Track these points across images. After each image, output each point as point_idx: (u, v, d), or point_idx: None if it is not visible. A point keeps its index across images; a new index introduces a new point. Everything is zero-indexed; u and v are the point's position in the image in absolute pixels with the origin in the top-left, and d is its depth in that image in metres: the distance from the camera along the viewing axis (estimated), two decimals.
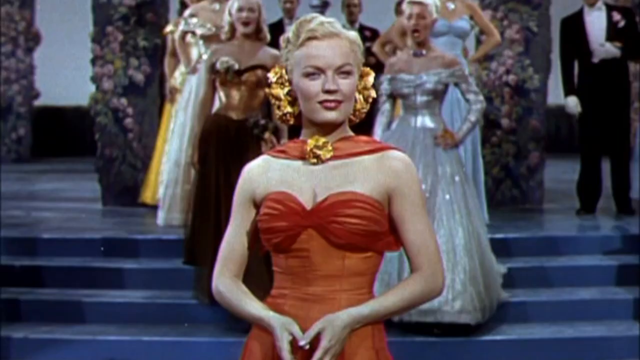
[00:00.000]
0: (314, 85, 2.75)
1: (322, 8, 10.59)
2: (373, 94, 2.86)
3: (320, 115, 2.77)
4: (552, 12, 10.95)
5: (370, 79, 2.84)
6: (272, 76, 2.84)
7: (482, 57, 8.32)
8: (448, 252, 6.03)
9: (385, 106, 6.37)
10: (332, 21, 2.80)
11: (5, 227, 7.81)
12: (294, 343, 2.69)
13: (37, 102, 13.02)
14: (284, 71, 2.82)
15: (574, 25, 8.42)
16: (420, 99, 6.31)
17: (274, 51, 6.21)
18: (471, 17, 7.85)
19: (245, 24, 6.25)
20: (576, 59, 8.43)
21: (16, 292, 7.02)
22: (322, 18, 2.80)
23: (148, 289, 7.04)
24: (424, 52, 6.35)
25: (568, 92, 8.42)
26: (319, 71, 2.75)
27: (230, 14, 6.31)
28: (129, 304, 6.86)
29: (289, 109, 2.83)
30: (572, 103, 8.38)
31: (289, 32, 2.82)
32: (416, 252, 2.78)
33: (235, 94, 6.26)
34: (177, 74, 8.73)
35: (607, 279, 7.15)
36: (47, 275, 7.19)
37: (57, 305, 6.86)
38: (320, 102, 2.75)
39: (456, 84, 6.38)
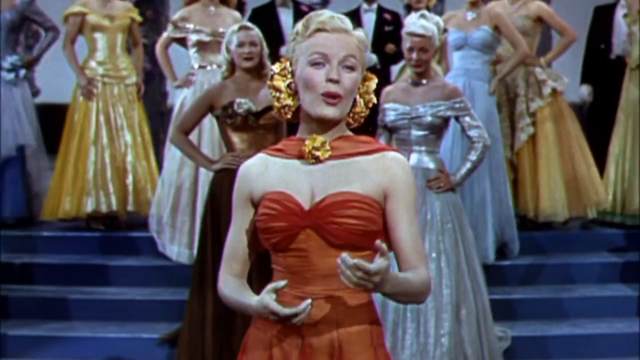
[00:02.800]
0: (318, 75, 2.74)
1: (323, 6, 10.56)
2: (374, 99, 2.87)
3: (319, 109, 2.75)
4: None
5: (373, 84, 2.85)
6: (276, 68, 2.83)
7: (508, 73, 7.30)
8: (436, 314, 5.52)
9: (380, 139, 5.58)
10: (343, 18, 2.81)
11: (5, 224, 7.80)
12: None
13: (38, 100, 12.97)
14: (288, 63, 2.82)
15: (605, 16, 8.36)
16: (416, 133, 5.60)
17: None
18: (495, 28, 7.12)
19: (248, 59, 5.66)
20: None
21: (15, 289, 7.03)
22: (333, 13, 2.81)
23: (147, 286, 7.04)
24: (423, 81, 5.64)
25: (584, 80, 8.44)
26: (324, 60, 2.75)
27: (228, 50, 5.70)
28: (128, 301, 6.86)
29: (288, 102, 2.82)
30: (585, 91, 8.39)
31: (298, 25, 2.83)
32: (412, 251, 2.77)
33: (249, 139, 5.65)
34: (92, 64, 7.76)
35: (609, 276, 7.15)
36: (47, 273, 7.19)
37: (57, 303, 6.86)
38: (323, 94, 2.74)
39: (456, 118, 5.64)
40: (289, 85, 2.81)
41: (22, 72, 8.19)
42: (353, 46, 2.77)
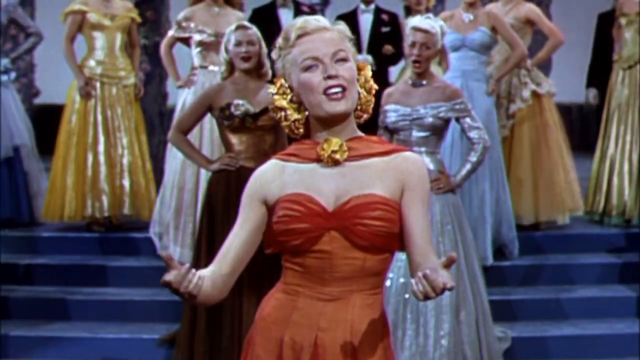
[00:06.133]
0: (315, 76, 2.76)
1: (323, 6, 10.56)
2: (375, 85, 2.87)
3: (329, 107, 2.76)
4: (552, 10, 10.97)
5: (368, 72, 2.86)
6: (272, 89, 2.84)
7: (506, 73, 7.33)
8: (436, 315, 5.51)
9: None
10: (317, 17, 2.83)
11: (5, 225, 7.80)
12: None
13: (37, 100, 13.00)
14: (283, 80, 2.83)
15: (609, 21, 8.34)
16: (417, 134, 5.58)
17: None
18: (493, 29, 7.11)
19: (246, 59, 5.57)
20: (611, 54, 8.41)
21: (16, 289, 7.03)
22: (306, 17, 2.83)
23: (147, 287, 7.03)
24: (424, 82, 5.61)
25: (589, 84, 8.70)
26: (316, 62, 2.76)
27: (227, 50, 5.62)
28: (128, 302, 6.87)
29: (296, 116, 2.82)
30: (591, 94, 8.67)
31: (277, 42, 2.83)
32: (425, 241, 2.77)
33: (247, 140, 5.57)
34: (91, 63, 7.64)
35: (609, 277, 7.15)
36: (47, 273, 7.19)
37: (57, 303, 6.87)
38: (325, 92, 2.75)
39: (457, 119, 5.62)
40: (291, 100, 2.82)
41: (13, 74, 8.18)
42: (338, 40, 2.79)
